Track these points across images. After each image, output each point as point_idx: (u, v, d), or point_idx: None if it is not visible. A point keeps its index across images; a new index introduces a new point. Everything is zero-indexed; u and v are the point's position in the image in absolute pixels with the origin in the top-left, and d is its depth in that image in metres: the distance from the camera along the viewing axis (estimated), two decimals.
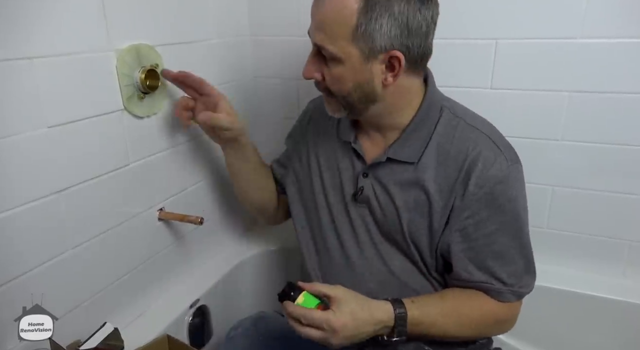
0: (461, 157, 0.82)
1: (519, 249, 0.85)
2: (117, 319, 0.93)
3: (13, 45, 0.69)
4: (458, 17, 1.08)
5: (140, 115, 0.92)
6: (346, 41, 0.75)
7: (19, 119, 0.71)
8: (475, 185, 0.81)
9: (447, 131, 0.85)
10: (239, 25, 1.26)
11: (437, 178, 0.84)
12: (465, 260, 0.84)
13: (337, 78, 0.79)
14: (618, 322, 1.10)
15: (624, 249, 1.13)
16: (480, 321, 0.87)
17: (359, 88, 0.80)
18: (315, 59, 0.81)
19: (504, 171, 0.81)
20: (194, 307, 1.08)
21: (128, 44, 0.87)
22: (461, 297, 0.87)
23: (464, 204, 0.82)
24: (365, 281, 0.91)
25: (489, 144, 0.82)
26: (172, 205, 1.06)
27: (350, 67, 0.77)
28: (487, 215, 0.82)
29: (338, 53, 0.76)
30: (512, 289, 0.85)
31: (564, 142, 1.10)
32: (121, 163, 0.91)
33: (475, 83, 1.12)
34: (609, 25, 0.99)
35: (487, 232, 0.83)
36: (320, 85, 0.83)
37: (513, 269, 0.85)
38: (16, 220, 0.73)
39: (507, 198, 0.82)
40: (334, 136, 0.96)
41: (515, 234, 0.84)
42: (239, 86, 1.28)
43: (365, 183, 0.89)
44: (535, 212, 1.15)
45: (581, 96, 1.05)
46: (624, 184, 1.08)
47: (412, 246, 0.87)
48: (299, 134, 1.05)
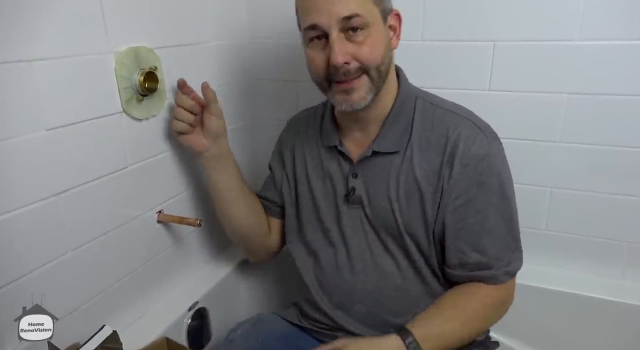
0: (442, 140, 0.85)
1: (509, 224, 0.87)
2: (115, 322, 0.92)
3: (12, 48, 0.69)
4: (456, 19, 1.09)
5: (139, 117, 0.93)
6: (371, 4, 0.79)
7: (17, 121, 0.71)
8: (459, 165, 0.83)
9: (425, 119, 0.87)
10: (237, 27, 1.26)
11: (422, 164, 0.85)
12: (459, 241, 0.85)
13: (372, 45, 0.79)
14: (617, 324, 1.09)
15: (623, 251, 1.13)
16: (483, 311, 0.87)
17: (387, 51, 0.83)
18: (342, 42, 0.78)
19: (485, 148, 0.83)
20: (193, 309, 1.08)
21: (127, 46, 0.87)
22: (457, 297, 0.88)
23: (450, 185, 0.84)
24: (362, 283, 0.92)
25: (467, 124, 0.85)
26: (171, 207, 1.06)
27: (377, 29, 0.80)
28: (474, 193, 0.84)
29: (370, 17, 0.78)
30: (506, 268, 0.86)
31: (562, 143, 1.10)
32: (120, 165, 0.91)
33: (473, 85, 1.12)
34: (606, 27, 0.99)
35: (477, 209, 0.84)
36: (351, 67, 0.80)
37: (505, 245, 0.86)
38: (15, 222, 0.73)
39: (491, 173, 0.84)
40: (317, 145, 0.97)
41: (504, 209, 0.86)
42: (238, 88, 1.28)
43: (355, 183, 0.91)
44: (534, 214, 1.16)
45: (579, 98, 1.05)
46: (622, 185, 1.08)
47: (408, 239, 0.88)
48: (278, 158, 1.06)
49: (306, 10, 0.80)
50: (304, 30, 0.82)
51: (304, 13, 0.81)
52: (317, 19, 0.78)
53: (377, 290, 0.91)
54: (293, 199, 1.02)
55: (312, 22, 0.79)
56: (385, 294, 0.91)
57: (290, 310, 1.05)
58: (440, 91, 0.91)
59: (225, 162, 1.01)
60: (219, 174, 1.01)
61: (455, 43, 1.11)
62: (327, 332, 0.97)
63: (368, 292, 0.92)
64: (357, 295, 0.93)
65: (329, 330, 0.97)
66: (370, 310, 0.92)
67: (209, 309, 1.13)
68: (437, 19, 1.10)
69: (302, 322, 1.01)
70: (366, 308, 0.92)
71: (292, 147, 1.02)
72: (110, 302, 0.93)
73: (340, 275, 0.94)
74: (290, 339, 0.99)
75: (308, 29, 0.80)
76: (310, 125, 1.01)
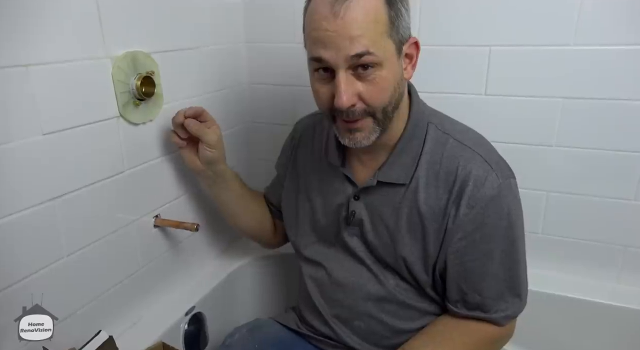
0: (451, 178, 0.80)
1: (513, 268, 0.83)
2: (112, 327, 0.92)
3: (8, 53, 0.69)
4: (452, 23, 1.09)
5: (135, 122, 0.92)
6: (385, 39, 0.72)
7: (14, 126, 0.71)
8: (467, 206, 0.79)
9: (435, 150, 0.82)
10: (234, 32, 1.26)
11: (428, 200, 0.82)
12: (460, 281, 0.83)
13: (383, 85, 0.74)
14: (612, 327, 1.10)
15: (618, 254, 1.13)
16: (477, 346, 0.86)
17: (397, 89, 0.77)
18: (349, 81, 0.72)
19: (496, 189, 0.78)
20: (190, 314, 1.08)
21: (124, 51, 0.87)
22: (451, 330, 0.86)
23: (456, 225, 0.80)
24: (363, 300, 0.90)
25: (478, 162, 0.80)
26: (168, 212, 1.05)
27: (390, 67, 0.73)
28: (479, 235, 0.80)
29: (382, 54, 0.71)
30: (506, 312, 0.84)
31: (558, 148, 1.10)
32: (117, 170, 0.91)
33: (469, 89, 1.12)
34: (602, 32, 1.00)
35: (480, 252, 0.81)
36: (357, 108, 0.75)
37: (506, 289, 0.84)
38: (12, 226, 0.73)
39: (499, 216, 0.80)
40: (321, 160, 0.94)
41: (509, 252, 0.82)
42: (235, 93, 1.28)
43: (356, 206, 0.88)
44: (530, 218, 1.16)
45: (575, 102, 1.06)
46: (617, 189, 1.09)
47: (405, 269, 0.86)
48: (288, 158, 1.04)
49: (314, 39, 0.72)
50: (309, 59, 0.76)
51: (311, 41, 0.73)
52: (324, 53, 0.71)
53: (378, 308, 0.90)
54: (294, 206, 1.00)
55: (319, 55, 0.72)
56: (385, 311, 0.90)
57: (288, 316, 1.05)
58: (436, 95, 0.90)
59: (222, 182, 1.00)
60: (217, 189, 1.02)
61: (451, 47, 1.11)
62: (325, 339, 0.96)
63: (367, 309, 0.90)
64: (355, 311, 0.91)
65: (327, 339, 0.96)
66: (370, 327, 0.91)
67: (205, 313, 1.12)
68: (433, 23, 1.11)
69: (300, 328, 1.01)
70: (365, 324, 0.91)
71: (297, 155, 1.01)
72: (107, 307, 0.93)
73: (342, 292, 0.92)
74: (287, 344, 0.99)
75: (314, 60, 0.74)
76: (316, 137, 0.98)
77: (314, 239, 0.97)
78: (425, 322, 0.90)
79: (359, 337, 0.92)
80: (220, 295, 1.20)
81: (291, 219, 1.01)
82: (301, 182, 0.98)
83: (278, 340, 0.99)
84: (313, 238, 0.97)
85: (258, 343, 0.97)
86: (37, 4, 0.72)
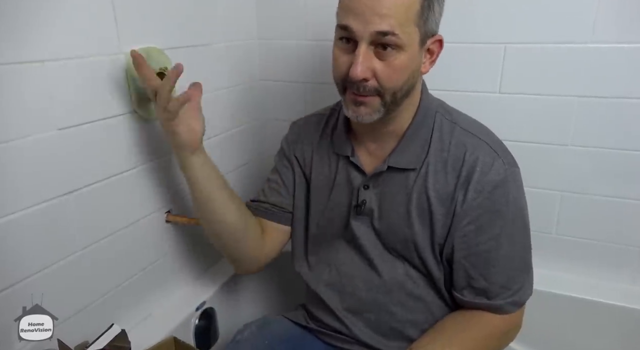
0: (458, 163, 0.82)
1: (519, 253, 0.85)
2: (124, 321, 0.93)
3: (25, 48, 0.69)
4: (467, 21, 1.08)
5: (149, 117, 0.93)
6: (413, 25, 0.74)
7: (29, 121, 0.72)
8: (474, 190, 0.81)
9: (442, 137, 0.84)
10: (247, 28, 1.26)
11: (436, 185, 0.83)
12: (467, 266, 0.84)
13: (398, 69, 0.75)
14: (627, 330, 1.08)
15: (634, 256, 1.12)
16: (484, 341, 0.86)
17: (411, 77, 0.78)
18: (368, 56, 0.74)
19: (502, 175, 0.81)
20: (201, 309, 1.08)
21: (138, 47, 0.87)
22: (460, 324, 0.86)
23: (464, 210, 0.82)
24: (373, 291, 0.91)
25: (485, 148, 0.82)
26: (180, 208, 1.06)
27: (410, 53, 0.75)
28: (487, 220, 0.82)
29: (406, 39, 0.73)
30: (513, 298, 0.84)
31: (572, 147, 1.09)
32: (130, 165, 0.91)
33: (483, 87, 1.11)
34: (619, 30, 0.98)
35: (487, 237, 0.82)
36: (368, 84, 0.76)
37: (513, 275, 0.84)
38: (25, 222, 0.73)
39: (506, 201, 0.81)
40: (328, 153, 0.94)
41: (515, 238, 0.84)
42: (247, 89, 1.28)
43: (366, 195, 0.88)
44: (544, 218, 1.15)
45: (591, 101, 1.04)
46: (633, 189, 1.07)
47: (415, 255, 0.87)
48: (286, 162, 1.00)
49: (346, 7, 0.75)
50: (337, 26, 0.78)
51: (343, 9, 0.76)
52: (352, 22, 0.73)
53: (388, 298, 0.90)
54: (304, 205, 0.99)
55: (347, 23, 0.74)
56: (395, 302, 0.90)
57: (297, 312, 1.05)
58: (450, 93, 0.90)
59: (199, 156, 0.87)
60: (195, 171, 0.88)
61: (466, 45, 1.10)
62: (336, 334, 0.96)
63: (378, 300, 0.91)
64: (366, 302, 0.92)
65: (337, 333, 0.96)
66: (381, 318, 0.91)
67: (216, 309, 1.13)
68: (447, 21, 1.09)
69: (309, 324, 1.01)
70: (375, 316, 0.92)
71: (302, 153, 0.99)
72: (119, 301, 0.94)
73: (352, 284, 0.92)
74: (297, 340, 0.99)
75: (340, 27, 0.76)
76: (319, 132, 0.98)
77: (327, 234, 0.95)
78: (433, 315, 0.90)
79: (370, 329, 0.92)
80: (231, 291, 1.20)
81: (300, 212, 0.99)
82: (308, 177, 0.98)
83: (288, 337, 0.99)
84: (326, 232, 0.95)
85: (268, 339, 0.97)
86: (54, 1, 0.73)
